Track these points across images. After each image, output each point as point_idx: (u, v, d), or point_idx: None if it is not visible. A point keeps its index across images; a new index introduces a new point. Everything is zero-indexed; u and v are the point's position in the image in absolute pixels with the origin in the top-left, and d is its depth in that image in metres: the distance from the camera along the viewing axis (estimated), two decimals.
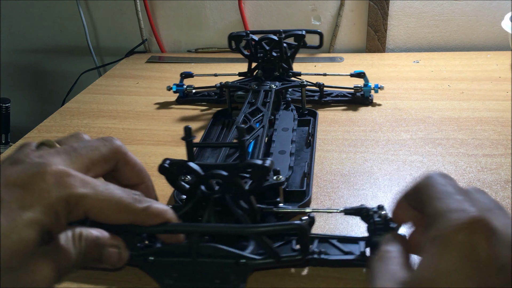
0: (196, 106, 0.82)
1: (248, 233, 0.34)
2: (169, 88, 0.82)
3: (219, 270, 0.34)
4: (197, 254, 0.35)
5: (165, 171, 0.40)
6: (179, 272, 0.35)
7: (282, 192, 0.47)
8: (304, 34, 0.75)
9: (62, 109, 0.85)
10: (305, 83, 0.71)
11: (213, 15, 1.13)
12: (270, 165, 0.38)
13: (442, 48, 1.07)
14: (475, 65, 0.93)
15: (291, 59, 0.78)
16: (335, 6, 1.06)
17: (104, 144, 0.34)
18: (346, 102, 0.78)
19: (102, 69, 1.24)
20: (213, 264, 0.34)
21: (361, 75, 0.76)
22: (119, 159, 0.35)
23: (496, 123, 0.69)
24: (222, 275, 0.35)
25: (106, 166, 0.34)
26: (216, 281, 0.35)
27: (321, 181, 0.57)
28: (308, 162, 0.58)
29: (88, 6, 1.19)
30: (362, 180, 0.57)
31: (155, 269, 0.36)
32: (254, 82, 0.73)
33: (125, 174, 0.36)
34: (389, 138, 0.67)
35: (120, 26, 1.20)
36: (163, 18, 1.16)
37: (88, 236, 0.31)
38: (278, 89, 0.70)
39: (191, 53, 1.15)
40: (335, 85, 0.79)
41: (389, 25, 1.06)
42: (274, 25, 1.11)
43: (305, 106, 0.72)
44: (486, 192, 0.29)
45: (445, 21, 1.04)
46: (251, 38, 0.75)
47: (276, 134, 0.62)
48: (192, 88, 0.82)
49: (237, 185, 0.39)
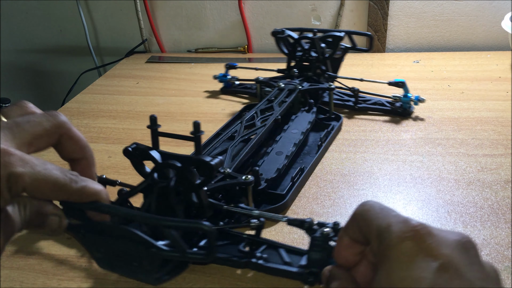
0: (239, 98, 0.84)
1: (155, 224, 0.35)
2: (215, 77, 0.85)
3: (135, 254, 0.36)
4: (118, 236, 0.36)
5: (128, 154, 0.42)
6: (105, 248, 0.37)
7: (250, 191, 0.47)
8: (342, 36, 0.73)
9: (62, 109, 0.85)
10: (332, 86, 0.69)
11: (213, 15, 1.13)
12: (216, 164, 0.39)
13: (442, 48, 1.07)
14: (475, 65, 0.93)
15: (331, 61, 0.75)
16: (335, 6, 1.06)
17: (47, 119, 0.36)
18: (383, 111, 0.73)
19: (102, 69, 1.24)
20: (130, 247, 0.36)
21: (399, 84, 0.72)
22: (63, 134, 0.37)
23: (496, 123, 0.69)
24: (138, 259, 0.36)
25: (49, 140, 0.36)
26: (134, 263, 0.37)
27: (321, 181, 0.57)
28: (302, 167, 0.57)
29: (88, 6, 1.19)
30: (362, 180, 0.57)
31: (86, 242, 0.38)
32: (284, 80, 0.72)
33: (68, 148, 0.38)
34: (389, 138, 0.67)
35: (120, 26, 1.20)
36: (163, 18, 1.16)
37: (32, 205, 0.33)
38: (303, 89, 0.69)
39: (191, 53, 1.15)
40: (372, 92, 0.75)
41: (389, 25, 1.06)
42: (274, 25, 1.11)
43: (332, 110, 0.70)
44: None
45: (445, 21, 1.04)
46: (288, 35, 0.75)
47: (284, 134, 0.61)
48: (236, 79, 0.84)
49: (187, 178, 0.40)
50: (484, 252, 0.44)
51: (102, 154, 0.66)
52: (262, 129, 0.58)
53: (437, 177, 0.57)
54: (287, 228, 0.49)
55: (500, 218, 0.49)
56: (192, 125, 0.42)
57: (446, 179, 0.56)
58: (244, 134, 0.58)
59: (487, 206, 0.51)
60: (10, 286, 0.44)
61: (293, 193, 0.53)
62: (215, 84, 0.88)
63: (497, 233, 0.47)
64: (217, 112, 0.79)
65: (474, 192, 0.53)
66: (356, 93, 0.73)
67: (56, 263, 0.46)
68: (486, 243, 0.46)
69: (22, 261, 0.47)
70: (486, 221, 0.49)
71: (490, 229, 0.47)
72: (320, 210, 0.52)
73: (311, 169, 0.59)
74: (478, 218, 0.49)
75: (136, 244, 0.35)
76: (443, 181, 0.56)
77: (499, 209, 0.50)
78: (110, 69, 1.07)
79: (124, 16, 1.18)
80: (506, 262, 0.43)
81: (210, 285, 0.42)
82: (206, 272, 0.44)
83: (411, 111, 0.72)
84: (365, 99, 0.75)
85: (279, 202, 0.51)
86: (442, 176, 0.57)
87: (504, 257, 0.44)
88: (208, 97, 0.85)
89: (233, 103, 0.82)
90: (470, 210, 0.50)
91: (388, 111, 0.73)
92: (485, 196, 0.53)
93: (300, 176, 0.56)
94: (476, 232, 0.47)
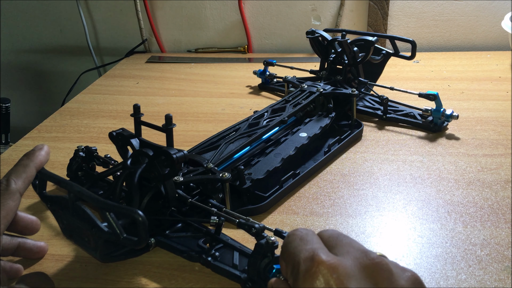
0: (274, 95, 0.85)
1: (96, 205, 0.37)
2: (254, 72, 0.87)
3: (84, 230, 0.39)
4: (73, 211, 0.39)
5: (112, 138, 0.48)
6: (66, 220, 0.40)
7: (227, 189, 0.48)
8: (373, 40, 0.69)
9: (62, 109, 0.85)
10: (355, 92, 0.66)
11: (213, 15, 1.13)
12: (178, 158, 0.41)
13: (442, 48, 1.07)
14: (475, 65, 0.93)
15: (368, 66, 0.72)
16: (335, 6, 1.06)
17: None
18: (412, 124, 0.68)
19: (102, 69, 1.24)
20: (80, 223, 0.39)
21: (431, 97, 0.65)
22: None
23: (496, 123, 0.69)
24: (87, 235, 0.39)
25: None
26: (85, 238, 0.39)
27: (321, 181, 0.57)
28: (297, 171, 0.56)
29: (88, 6, 1.19)
30: (362, 180, 0.57)
31: (54, 213, 0.42)
32: (309, 82, 0.71)
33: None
34: (389, 138, 0.66)
35: (120, 26, 1.20)
36: (163, 18, 1.16)
37: None
38: (324, 93, 0.67)
39: (191, 53, 1.15)
40: (402, 102, 0.71)
41: (389, 25, 1.06)
42: (274, 25, 1.11)
43: (354, 116, 0.67)
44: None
45: (445, 21, 1.04)
46: (320, 36, 0.73)
47: (291, 137, 0.60)
48: (274, 76, 0.85)
49: (156, 167, 0.43)
50: (484, 252, 0.44)
51: (102, 154, 0.66)
52: (264, 129, 0.58)
53: (437, 177, 0.57)
54: (287, 228, 0.49)
55: (500, 218, 0.49)
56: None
57: (446, 179, 0.56)
58: (244, 132, 0.58)
59: (487, 206, 0.51)
60: (10, 286, 0.44)
61: (278, 196, 0.53)
62: (253, 80, 0.91)
63: (497, 233, 0.47)
64: (217, 112, 0.79)
65: (474, 192, 0.53)
66: (385, 102, 0.69)
67: (56, 263, 0.46)
68: (486, 243, 0.46)
69: (22, 261, 0.47)
70: (486, 221, 0.49)
71: (490, 229, 0.47)
72: (320, 210, 0.52)
73: (308, 174, 0.57)
74: (478, 218, 0.49)
75: (84, 221, 0.38)
76: (443, 181, 0.56)
77: (499, 209, 0.50)
78: (110, 69, 1.07)
79: (124, 16, 1.18)
80: (506, 262, 0.43)
81: (210, 285, 0.42)
82: (206, 272, 0.44)
83: (444, 127, 0.67)
84: (397, 109, 0.71)
85: (260, 203, 0.51)
86: (442, 176, 0.57)
87: (504, 257, 0.44)
88: (250, 92, 0.87)
89: (269, 100, 0.83)
90: (470, 210, 0.50)
91: (419, 125, 0.67)
92: (485, 196, 0.53)
93: (291, 181, 0.55)
94: (476, 232, 0.47)
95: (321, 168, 0.60)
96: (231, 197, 0.49)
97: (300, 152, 0.58)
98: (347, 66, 0.72)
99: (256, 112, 0.64)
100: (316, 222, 0.50)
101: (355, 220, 0.50)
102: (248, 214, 0.47)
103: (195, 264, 0.44)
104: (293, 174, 0.55)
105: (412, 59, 0.72)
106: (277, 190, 0.53)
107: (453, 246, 0.45)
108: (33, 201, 0.56)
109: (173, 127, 0.46)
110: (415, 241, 0.46)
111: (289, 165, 0.57)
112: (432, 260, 0.44)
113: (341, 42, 0.70)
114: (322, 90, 0.67)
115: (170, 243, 0.45)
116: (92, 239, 0.39)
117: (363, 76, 0.73)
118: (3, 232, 0.39)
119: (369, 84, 0.73)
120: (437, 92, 0.65)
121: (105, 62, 1.24)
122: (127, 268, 0.45)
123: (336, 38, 0.72)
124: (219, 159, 0.52)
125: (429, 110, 0.66)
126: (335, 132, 0.66)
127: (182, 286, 0.42)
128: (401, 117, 0.69)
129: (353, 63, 0.71)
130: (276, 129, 0.63)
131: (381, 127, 0.70)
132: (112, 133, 0.47)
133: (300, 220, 0.50)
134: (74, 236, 0.41)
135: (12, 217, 0.40)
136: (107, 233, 0.36)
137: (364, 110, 0.72)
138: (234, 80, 0.94)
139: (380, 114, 0.70)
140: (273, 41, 1.13)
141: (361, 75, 0.72)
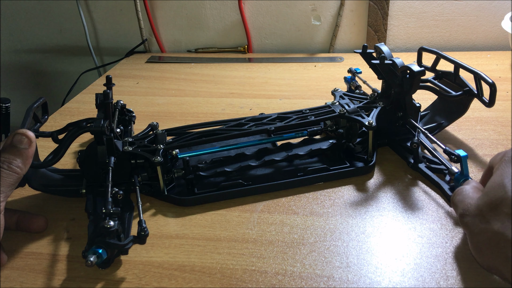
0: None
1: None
2: (345, 78, 0.76)
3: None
4: None
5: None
6: None
7: (159, 171, 0.53)
8: (417, 71, 0.56)
9: (62, 109, 0.85)
10: (374, 125, 0.56)
11: (213, 15, 1.13)
12: (101, 124, 0.53)
13: (442, 48, 1.07)
14: (475, 65, 0.93)
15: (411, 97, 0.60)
16: (335, 6, 1.06)
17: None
18: (437, 186, 0.54)
19: (102, 69, 1.24)
20: None
21: (454, 158, 0.50)
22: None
23: (496, 123, 0.69)
24: None
25: None
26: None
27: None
28: (238, 181, 0.55)
29: (88, 6, 1.19)
30: None
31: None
32: (344, 99, 0.63)
33: None
34: None
35: (120, 26, 1.20)
36: (163, 18, 1.16)
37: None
38: (338, 115, 0.59)
39: (191, 53, 1.15)
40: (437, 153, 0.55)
41: (389, 25, 1.06)
42: (274, 25, 1.11)
43: (370, 151, 0.58)
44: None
45: (445, 21, 1.04)
46: (368, 53, 0.64)
47: (271, 147, 0.63)
48: (356, 83, 0.74)
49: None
50: None
51: None
52: (237, 132, 0.57)
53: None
54: (287, 228, 0.49)
55: None
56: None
57: None
58: (221, 131, 0.58)
59: None
60: (10, 286, 0.44)
61: (208, 197, 0.54)
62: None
63: None
64: (217, 112, 0.79)
65: None
66: (415, 148, 0.56)
67: (56, 263, 0.46)
68: None
69: (22, 261, 0.47)
70: None
71: None
72: (320, 210, 0.52)
73: (262, 189, 0.55)
74: None
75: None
76: None
77: None
78: (110, 69, 1.07)
79: (124, 16, 1.18)
80: None
81: (210, 285, 0.42)
82: (207, 272, 0.44)
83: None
84: (428, 157, 0.57)
85: (188, 196, 0.55)
86: None
87: None
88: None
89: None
90: None
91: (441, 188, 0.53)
92: None
93: (217, 191, 0.55)
94: None
95: (287, 188, 0.56)
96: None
97: (262, 159, 0.59)
98: (396, 95, 0.60)
99: (261, 114, 0.64)
100: (316, 222, 0.50)
101: (355, 220, 0.50)
102: (175, 203, 0.54)
103: (195, 264, 0.45)
104: (240, 183, 0.55)
105: (490, 106, 0.58)
106: (211, 191, 0.55)
107: (453, 246, 0.45)
108: (35, 201, 0.56)
109: (110, 102, 0.60)
110: (415, 241, 0.46)
111: (252, 175, 0.58)
112: (432, 260, 0.44)
113: (382, 65, 0.59)
114: (339, 111, 0.59)
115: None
116: None
117: (409, 109, 0.60)
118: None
119: (407, 119, 0.60)
120: (465, 154, 0.50)
121: (105, 62, 1.24)
122: (127, 268, 0.45)
123: (374, 62, 0.61)
124: (174, 145, 0.56)
125: (454, 173, 0.51)
126: (331, 160, 0.60)
127: (182, 286, 0.42)
128: (431, 173, 0.55)
129: (399, 92, 0.59)
130: (266, 139, 0.63)
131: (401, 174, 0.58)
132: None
133: (300, 220, 0.51)
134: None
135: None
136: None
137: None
138: (234, 80, 0.94)
139: (410, 162, 0.58)
140: (273, 41, 1.13)
141: (407, 109, 0.60)
